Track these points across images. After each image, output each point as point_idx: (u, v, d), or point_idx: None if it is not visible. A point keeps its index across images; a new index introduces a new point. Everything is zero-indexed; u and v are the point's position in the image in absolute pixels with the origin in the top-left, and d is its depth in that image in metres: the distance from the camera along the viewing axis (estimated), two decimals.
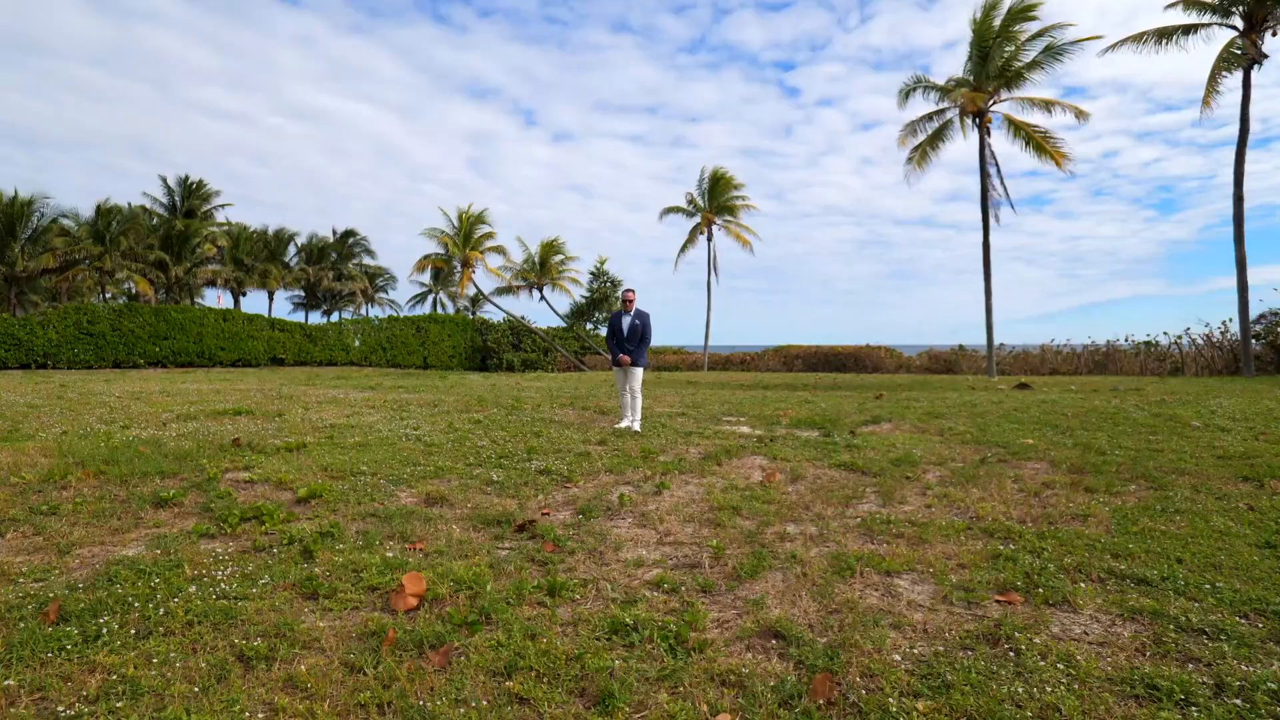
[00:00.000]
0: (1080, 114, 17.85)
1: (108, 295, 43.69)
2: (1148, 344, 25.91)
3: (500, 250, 32.80)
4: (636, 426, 7.89)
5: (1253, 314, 20.16)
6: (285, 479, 5.00)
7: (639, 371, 8.06)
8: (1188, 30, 15.25)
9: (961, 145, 19.33)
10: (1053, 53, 17.33)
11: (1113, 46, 15.67)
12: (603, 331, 38.08)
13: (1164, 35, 15.20)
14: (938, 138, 19.44)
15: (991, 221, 19.34)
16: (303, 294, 49.21)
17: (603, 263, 38.20)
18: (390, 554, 3.51)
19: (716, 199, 34.99)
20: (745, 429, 8.29)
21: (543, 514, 4.45)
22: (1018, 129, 18.57)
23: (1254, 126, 17.10)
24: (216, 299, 46.75)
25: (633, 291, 8.23)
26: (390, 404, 10.07)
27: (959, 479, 5.53)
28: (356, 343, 34.91)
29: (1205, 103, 14.52)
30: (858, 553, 3.65)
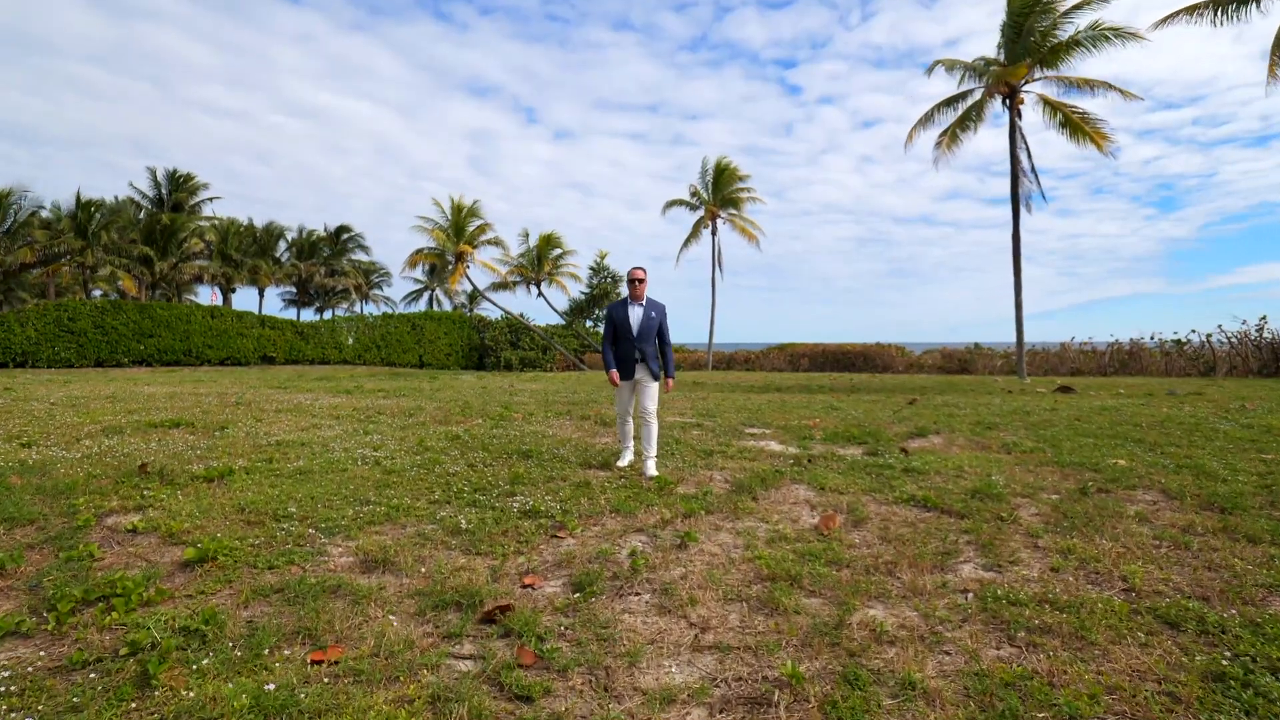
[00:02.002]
0: (1127, 95, 16.48)
1: (99, 292, 42.38)
2: (1178, 343, 24.57)
3: (496, 243, 31.46)
4: (651, 469, 5.42)
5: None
6: (178, 529, 3.70)
7: (655, 387, 5.56)
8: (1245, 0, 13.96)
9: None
10: (1098, 32, 16.00)
11: (1164, 20, 14.36)
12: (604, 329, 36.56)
13: (1219, 4, 13.91)
14: (967, 119, 18.06)
15: (1022, 211, 17.96)
16: (294, 290, 47.80)
17: (603, 257, 36.83)
18: (273, 684, 2.21)
19: (721, 191, 33.64)
20: (775, 445, 6.99)
21: (523, 585, 3.16)
22: (1054, 109, 17.18)
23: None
24: (211, 296, 45.48)
25: (643, 270, 5.53)
26: (359, 413, 8.76)
27: (1069, 521, 4.25)
28: (350, 341, 33.69)
29: (1271, 73, 13.20)
30: (1004, 670, 2.36)
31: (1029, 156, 17.99)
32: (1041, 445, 6.98)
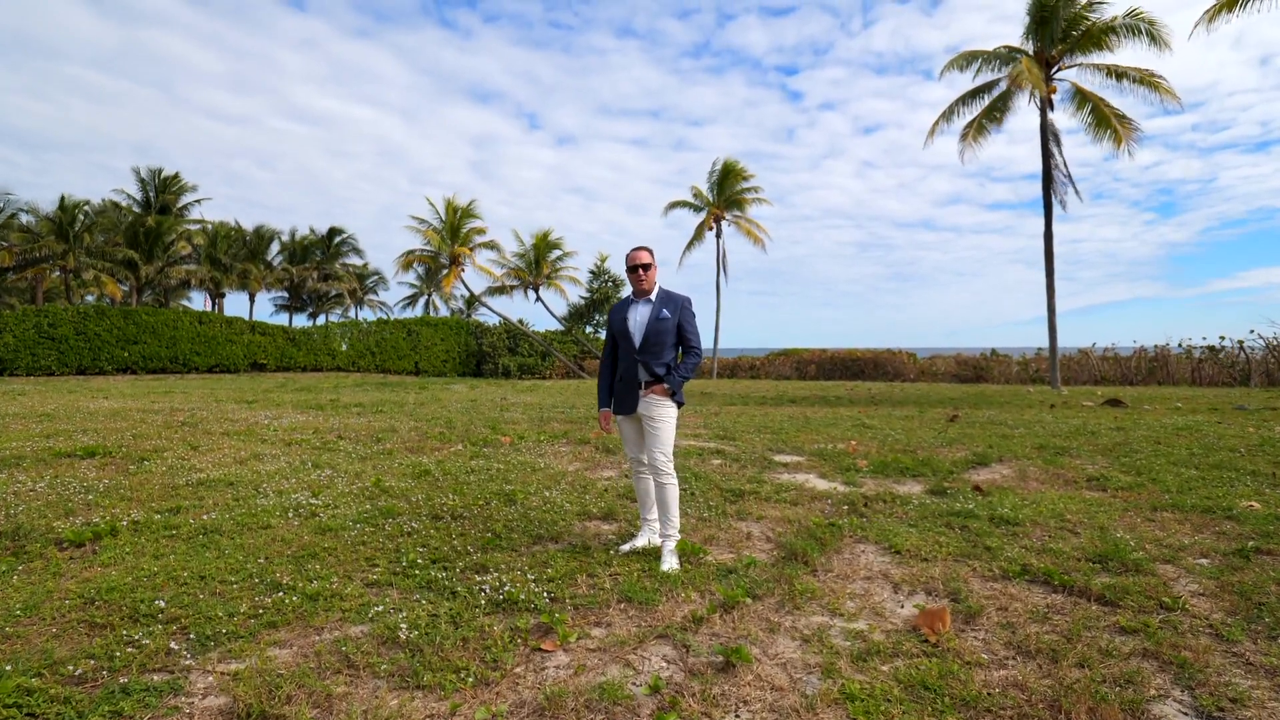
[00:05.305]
0: (1167, 93, 15.26)
1: (91, 297, 41.12)
2: (1211, 349, 23.29)
3: (492, 246, 30.19)
4: (670, 560, 3.51)
5: None
6: None
7: (660, 422, 3.58)
8: None
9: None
10: (1135, 20, 14.82)
11: (1210, 13, 13.18)
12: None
13: None
14: (994, 109, 16.84)
15: (1056, 208, 16.71)
16: (286, 295, 46.53)
17: (604, 260, 35.58)
18: None
19: (725, 192, 32.45)
20: (816, 480, 5.75)
21: None
22: (1084, 99, 15.96)
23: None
24: (204, 302, 44.20)
25: (647, 252, 3.69)
26: (318, 437, 7.49)
27: (1258, 609, 3.03)
28: (344, 347, 32.48)
29: None
30: None
31: (1060, 151, 16.76)
32: (1139, 479, 5.74)
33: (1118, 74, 15.80)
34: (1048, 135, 16.45)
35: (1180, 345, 25.04)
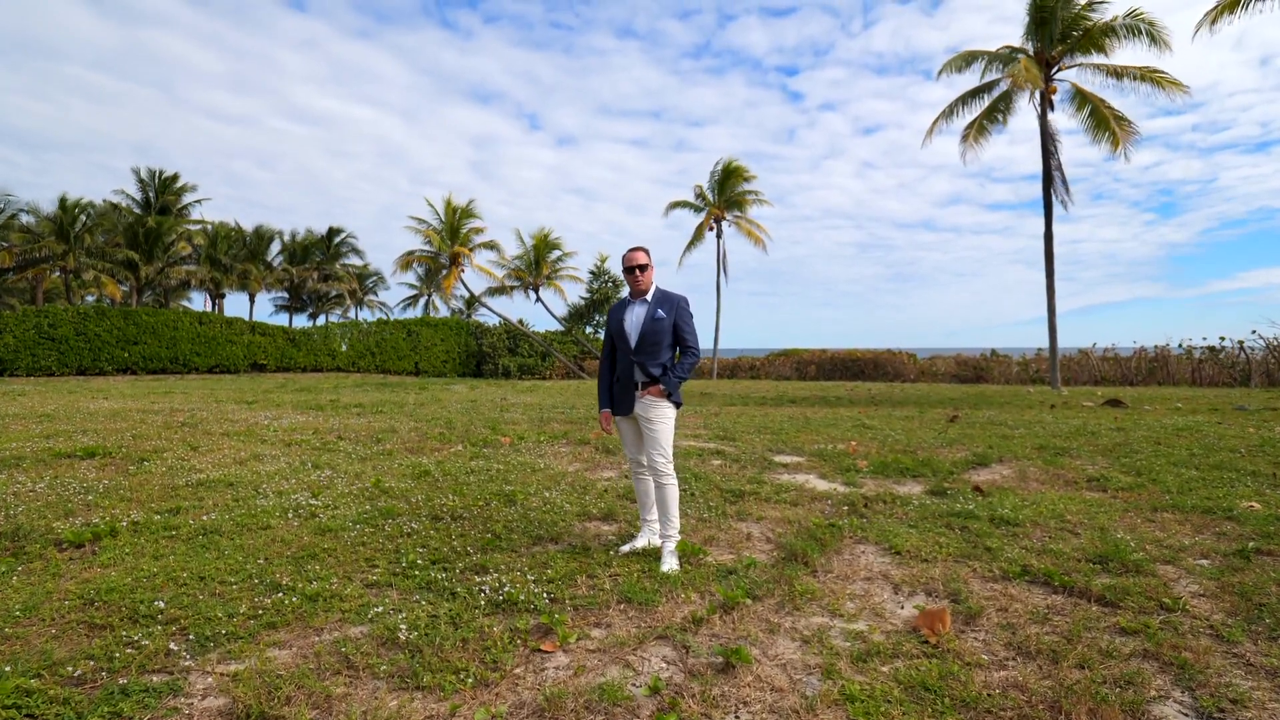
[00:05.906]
0: (1171, 84, 15.23)
1: (91, 298, 41.11)
2: (1211, 349, 23.27)
3: (492, 246, 30.18)
4: (670, 561, 3.51)
5: None
6: None
7: (657, 423, 3.58)
8: None
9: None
10: (1135, 18, 14.82)
11: (1213, 14, 13.15)
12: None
13: None
14: (995, 110, 16.83)
15: (1057, 208, 16.70)
16: (286, 296, 46.54)
17: (604, 260, 35.56)
18: None
19: (726, 193, 32.47)
20: (815, 480, 5.74)
21: None
22: (1083, 100, 15.96)
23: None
24: (204, 303, 44.19)
25: (643, 252, 3.71)
26: (318, 437, 7.49)
27: (1259, 610, 3.03)
28: (344, 347, 32.48)
29: None
30: None
31: (1058, 152, 16.75)
32: (1139, 480, 5.74)
33: (1117, 73, 15.79)
34: (1048, 135, 16.46)
35: (1180, 345, 25.04)
